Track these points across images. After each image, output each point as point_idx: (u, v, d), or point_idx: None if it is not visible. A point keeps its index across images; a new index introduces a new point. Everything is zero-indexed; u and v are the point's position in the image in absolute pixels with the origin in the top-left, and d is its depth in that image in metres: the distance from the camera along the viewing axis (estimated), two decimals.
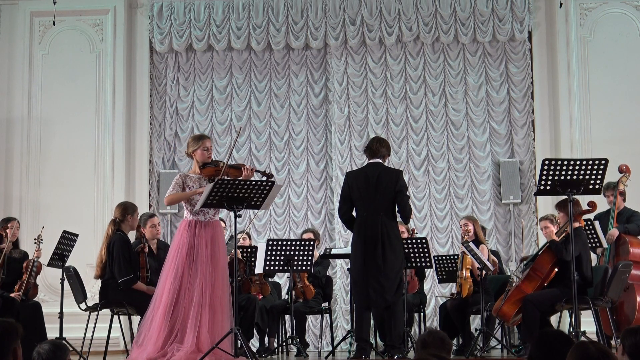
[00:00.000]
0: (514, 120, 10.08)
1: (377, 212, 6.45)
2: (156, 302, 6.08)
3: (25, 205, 9.86)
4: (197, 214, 6.23)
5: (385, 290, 6.37)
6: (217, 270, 6.14)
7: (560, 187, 6.07)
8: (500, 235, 9.96)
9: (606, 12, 9.93)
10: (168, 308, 5.99)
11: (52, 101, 10.05)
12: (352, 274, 6.64)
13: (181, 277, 6.06)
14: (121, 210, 7.00)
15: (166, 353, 5.87)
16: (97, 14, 10.20)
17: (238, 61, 10.38)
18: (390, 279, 6.40)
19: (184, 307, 6.00)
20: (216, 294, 6.08)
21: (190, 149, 6.39)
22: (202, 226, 6.21)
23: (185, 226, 6.23)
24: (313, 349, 9.29)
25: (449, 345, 3.71)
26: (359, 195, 6.53)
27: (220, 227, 6.42)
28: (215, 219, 6.33)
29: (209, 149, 6.36)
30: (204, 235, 6.17)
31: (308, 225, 9.86)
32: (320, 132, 10.31)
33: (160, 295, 6.07)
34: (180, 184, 6.25)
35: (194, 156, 6.37)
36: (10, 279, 7.48)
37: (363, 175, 6.58)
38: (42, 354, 3.41)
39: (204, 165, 6.32)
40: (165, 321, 5.97)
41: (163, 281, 6.12)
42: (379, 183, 6.48)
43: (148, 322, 6.04)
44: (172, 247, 6.24)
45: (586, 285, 6.73)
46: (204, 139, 6.40)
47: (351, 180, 6.61)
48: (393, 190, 6.47)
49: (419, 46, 10.27)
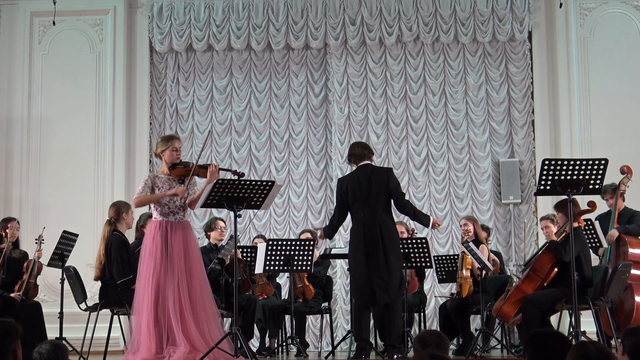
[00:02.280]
0: (514, 120, 10.08)
1: (375, 211, 6.55)
2: (139, 308, 5.98)
3: (25, 205, 9.86)
4: (167, 214, 6.13)
5: (389, 287, 6.44)
6: (193, 270, 6.06)
7: (560, 187, 6.07)
8: (500, 235, 9.95)
9: (606, 12, 9.93)
10: (152, 311, 5.91)
11: (52, 101, 10.06)
12: (354, 272, 6.66)
13: (158, 279, 5.97)
14: (115, 209, 7.00)
15: (164, 357, 5.84)
16: (97, 14, 10.21)
17: (238, 61, 10.39)
18: (393, 275, 6.48)
19: (166, 309, 5.92)
20: (194, 293, 6.01)
21: (159, 149, 6.28)
22: (173, 227, 6.11)
23: (155, 227, 6.12)
24: (313, 349, 9.29)
25: (446, 343, 3.71)
26: (354, 197, 6.62)
27: (191, 227, 6.33)
28: (185, 219, 6.25)
29: (177, 150, 6.26)
30: (176, 236, 6.08)
31: (308, 225, 9.86)
32: (320, 132, 10.31)
33: (142, 299, 5.97)
34: (149, 185, 6.14)
35: (162, 157, 6.27)
36: (10, 279, 7.49)
37: (355, 178, 6.68)
38: (43, 353, 3.41)
39: (173, 165, 6.24)
40: (152, 325, 5.89)
41: (142, 285, 6.01)
42: (372, 183, 6.59)
43: (137, 329, 5.97)
44: (145, 250, 6.10)
45: (586, 285, 6.73)
46: (173, 140, 6.30)
47: (344, 185, 6.71)
48: (386, 188, 6.59)
49: (419, 46, 10.27)
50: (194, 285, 6.05)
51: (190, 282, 6.04)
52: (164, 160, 6.28)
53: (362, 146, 6.91)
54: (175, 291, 5.95)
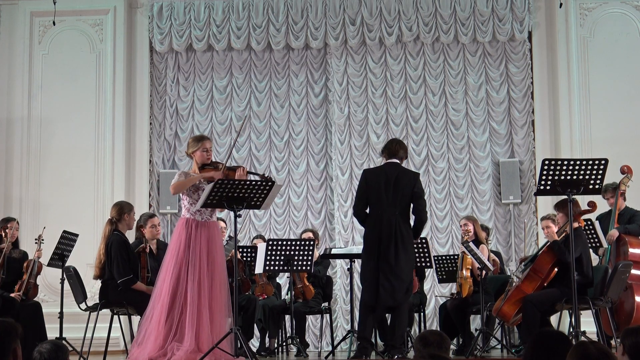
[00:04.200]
0: (514, 120, 10.08)
1: (393, 211, 6.42)
2: (155, 300, 6.07)
3: (25, 205, 9.86)
4: (195, 213, 6.22)
5: (395, 291, 6.35)
6: (215, 270, 6.12)
7: (560, 187, 6.07)
8: (500, 235, 9.95)
9: (606, 12, 9.93)
10: (167, 306, 5.98)
11: (52, 101, 10.05)
12: (363, 271, 6.56)
13: (179, 275, 6.05)
14: (117, 209, 6.99)
15: (166, 352, 5.87)
16: (97, 14, 10.20)
17: (238, 61, 10.39)
18: (401, 279, 6.39)
19: (182, 305, 5.99)
20: (214, 294, 6.07)
21: (190, 149, 6.39)
22: (199, 226, 6.20)
23: (183, 224, 6.22)
24: (313, 349, 9.30)
25: (447, 343, 3.71)
26: (376, 193, 6.47)
27: (218, 228, 6.42)
28: (213, 220, 6.33)
29: (208, 150, 6.36)
30: (202, 235, 6.16)
31: (308, 225, 9.85)
32: (320, 132, 10.31)
33: (159, 293, 6.07)
34: (183, 177, 6.25)
35: (193, 157, 6.38)
36: (10, 279, 7.49)
37: (382, 174, 6.53)
38: (43, 353, 3.41)
39: (203, 166, 6.33)
40: (164, 319, 5.96)
41: (162, 279, 6.11)
42: (397, 183, 6.46)
43: (147, 321, 6.04)
44: (171, 245, 6.22)
45: (586, 285, 6.73)
46: (204, 140, 6.40)
47: (369, 178, 6.56)
48: (411, 192, 6.47)
49: (419, 46, 10.27)
50: (215, 285, 6.10)
51: (212, 281, 6.09)
52: (194, 161, 6.37)
53: (398, 144, 6.71)
54: (195, 288, 6.01)
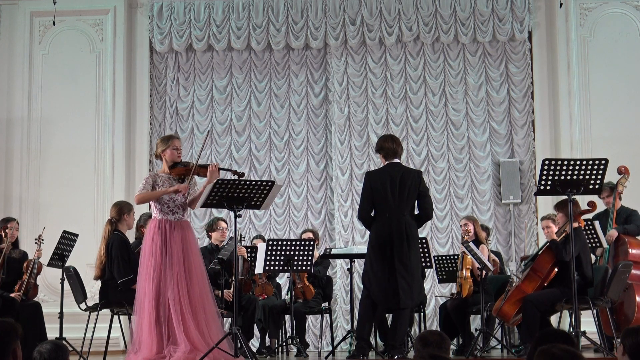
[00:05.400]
0: (514, 120, 10.08)
1: (402, 212, 6.35)
2: (140, 307, 5.99)
3: (25, 205, 9.86)
4: (167, 213, 6.15)
5: (413, 292, 6.32)
6: (192, 270, 6.06)
7: (560, 187, 6.07)
8: (500, 235, 9.95)
9: (606, 12, 9.93)
10: (153, 311, 5.92)
11: (52, 101, 10.06)
12: (371, 272, 6.40)
13: (159, 278, 5.98)
14: (117, 209, 6.99)
15: (164, 356, 5.85)
16: (97, 14, 10.21)
17: (238, 61, 10.39)
18: (417, 279, 6.38)
19: (166, 308, 5.93)
20: (194, 293, 6.01)
21: (159, 149, 6.31)
22: (172, 226, 6.12)
23: (155, 226, 6.13)
24: (313, 349, 9.29)
25: (447, 343, 3.71)
26: (383, 196, 6.38)
27: (191, 227, 6.35)
28: (185, 219, 6.27)
29: (178, 149, 6.30)
30: (176, 235, 6.09)
31: (308, 225, 9.86)
32: (320, 132, 10.31)
33: (143, 299, 5.98)
34: (150, 183, 6.16)
35: (163, 156, 6.30)
36: (10, 279, 7.49)
37: (386, 175, 6.44)
38: (43, 353, 3.41)
39: (174, 165, 6.27)
40: (154, 326, 5.90)
41: (143, 285, 6.01)
42: (403, 184, 6.38)
43: (139, 328, 5.98)
44: (145, 249, 6.11)
45: (586, 285, 6.74)
46: (173, 139, 6.36)
47: (373, 181, 6.47)
48: (416, 191, 6.42)
49: (419, 46, 10.27)
50: (193, 286, 6.04)
51: (190, 282, 6.03)
52: (164, 160, 6.31)
53: (394, 141, 6.58)
54: (174, 291, 5.96)
